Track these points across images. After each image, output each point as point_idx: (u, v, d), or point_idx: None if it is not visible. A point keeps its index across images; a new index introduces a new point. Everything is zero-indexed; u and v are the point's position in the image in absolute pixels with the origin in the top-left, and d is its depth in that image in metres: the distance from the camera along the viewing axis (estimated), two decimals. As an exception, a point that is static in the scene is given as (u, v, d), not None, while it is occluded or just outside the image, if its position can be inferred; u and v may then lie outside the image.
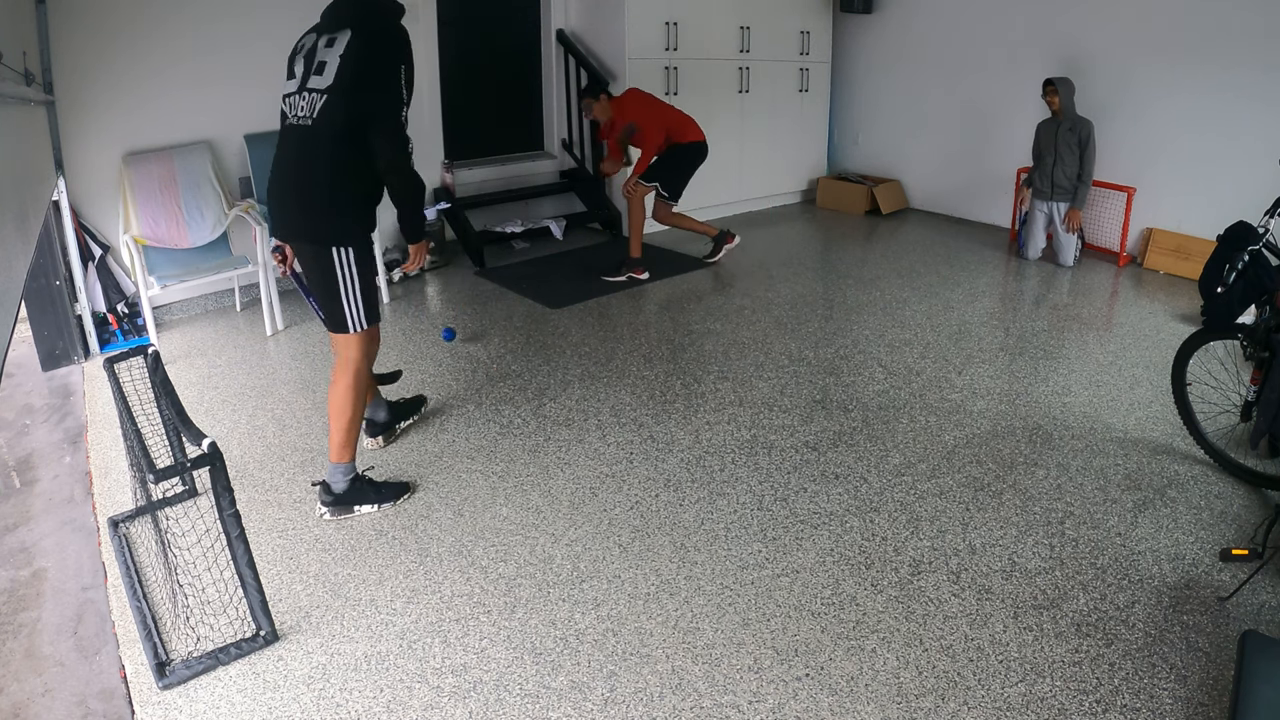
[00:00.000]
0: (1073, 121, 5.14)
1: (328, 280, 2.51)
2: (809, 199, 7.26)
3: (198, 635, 2.10)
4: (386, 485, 2.72)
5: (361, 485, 2.66)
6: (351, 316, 2.55)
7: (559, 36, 5.92)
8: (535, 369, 3.75)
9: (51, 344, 3.82)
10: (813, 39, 6.76)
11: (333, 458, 2.62)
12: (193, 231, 4.16)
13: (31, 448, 3.19)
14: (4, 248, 1.92)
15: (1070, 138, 5.14)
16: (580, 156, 6.08)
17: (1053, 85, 5.11)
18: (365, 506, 2.65)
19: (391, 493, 2.70)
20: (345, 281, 2.50)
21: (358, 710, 1.91)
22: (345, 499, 2.63)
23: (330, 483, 2.63)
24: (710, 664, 2.05)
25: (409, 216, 2.58)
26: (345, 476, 2.63)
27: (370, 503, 2.65)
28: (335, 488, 2.63)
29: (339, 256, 2.48)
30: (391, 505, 2.68)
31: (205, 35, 4.23)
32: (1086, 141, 5.12)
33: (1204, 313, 2.86)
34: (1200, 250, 4.71)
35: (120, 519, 2.54)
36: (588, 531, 2.59)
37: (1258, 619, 2.20)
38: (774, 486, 2.84)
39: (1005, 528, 2.61)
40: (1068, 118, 5.14)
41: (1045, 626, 2.18)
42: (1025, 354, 3.97)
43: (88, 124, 3.97)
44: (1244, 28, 4.72)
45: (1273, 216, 2.71)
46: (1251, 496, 2.79)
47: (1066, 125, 5.14)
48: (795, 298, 4.75)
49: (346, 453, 2.61)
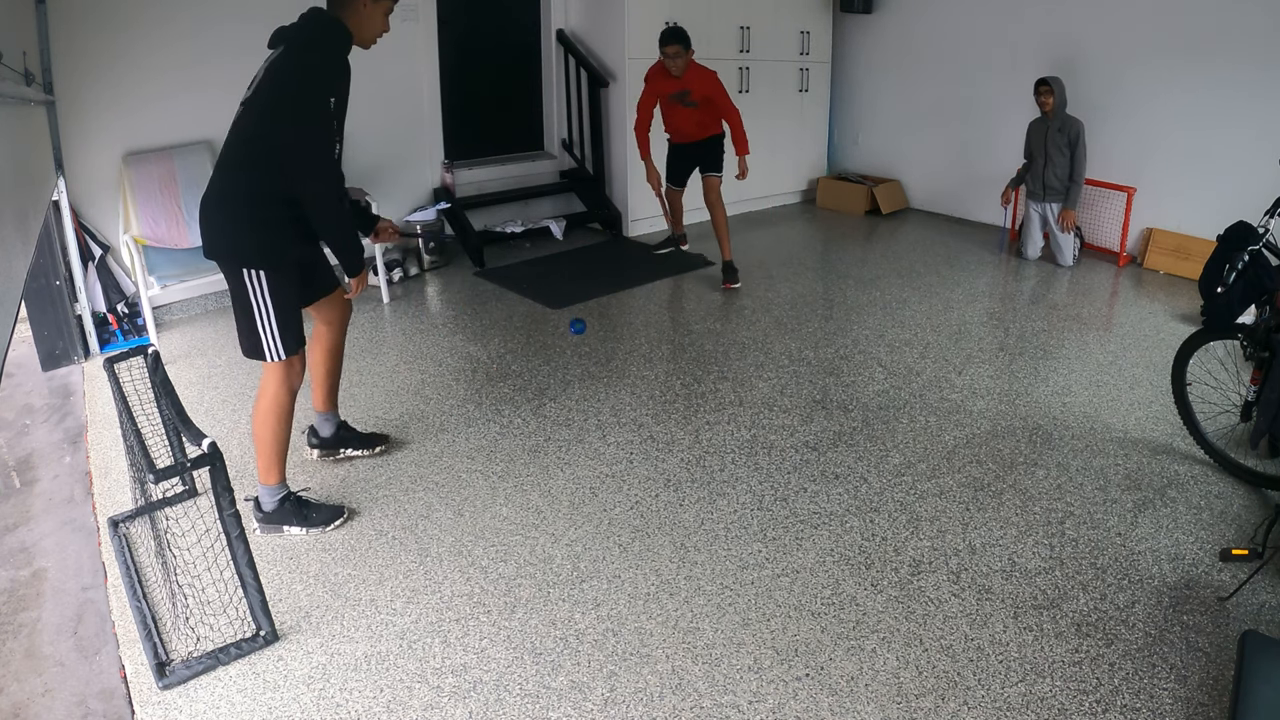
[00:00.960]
0: (1062, 122, 5.13)
1: (240, 303, 2.38)
2: (809, 199, 7.26)
3: (198, 635, 2.11)
4: (319, 508, 2.61)
5: (289, 507, 2.57)
6: (267, 343, 2.41)
7: (559, 36, 5.92)
8: (535, 369, 3.75)
9: (51, 344, 3.82)
10: (813, 39, 6.76)
11: (259, 479, 2.55)
12: (193, 232, 4.15)
13: (31, 448, 3.19)
14: (4, 248, 1.92)
15: (1060, 139, 5.13)
16: (580, 156, 6.07)
17: (1048, 85, 5.09)
18: (293, 528, 2.55)
19: (322, 517, 2.59)
20: (258, 306, 2.36)
21: (358, 710, 1.91)
22: (273, 518, 2.56)
23: (260, 501, 2.57)
24: (710, 664, 2.05)
25: (336, 251, 2.45)
26: (273, 497, 2.55)
27: (298, 525, 2.55)
28: (264, 506, 2.56)
29: (249, 279, 2.34)
30: (321, 530, 2.56)
31: (205, 35, 4.23)
32: (1076, 141, 5.11)
33: (1204, 313, 2.86)
34: (1200, 250, 4.71)
35: (120, 519, 2.54)
36: (588, 531, 2.59)
37: (1258, 619, 2.20)
38: (774, 486, 2.84)
39: (1005, 528, 2.61)
40: (1057, 118, 5.13)
41: (1045, 626, 2.18)
42: (1025, 354, 3.97)
43: (88, 124, 3.97)
44: (1245, 26, 4.72)
45: (1273, 216, 2.71)
46: (1251, 496, 2.79)
47: (1056, 126, 5.13)
48: (795, 298, 4.75)
49: (270, 475, 2.53)
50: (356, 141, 4.89)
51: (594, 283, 4.95)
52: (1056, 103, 5.09)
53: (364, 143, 4.94)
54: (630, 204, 5.93)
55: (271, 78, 2.30)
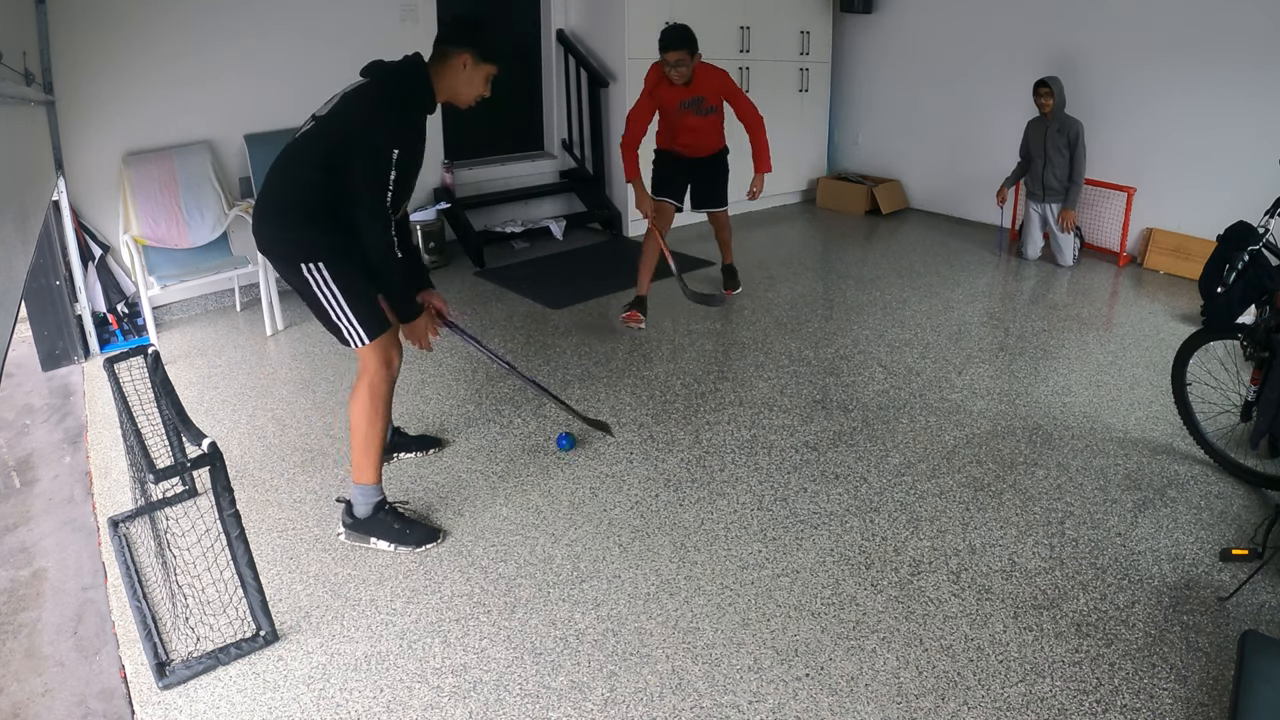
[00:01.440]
0: (1061, 123, 5.13)
1: (310, 299, 2.34)
2: (809, 199, 7.26)
3: (198, 635, 2.10)
4: (415, 526, 2.50)
5: (384, 518, 2.47)
6: (348, 331, 2.36)
7: (559, 36, 5.92)
8: (535, 369, 3.74)
9: (51, 344, 3.82)
10: (813, 39, 6.76)
11: (353, 477, 2.47)
12: (193, 231, 4.16)
13: (31, 448, 3.19)
14: (4, 248, 1.92)
15: (1059, 139, 5.12)
16: (580, 156, 6.07)
17: (1047, 86, 5.08)
18: (381, 543, 2.46)
19: (415, 536, 2.47)
20: (326, 299, 2.32)
21: (358, 710, 1.91)
22: (363, 527, 2.47)
23: (353, 503, 2.47)
24: (710, 664, 2.05)
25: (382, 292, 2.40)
26: (368, 501, 2.45)
27: (389, 540, 2.46)
28: (356, 511, 2.47)
29: (309, 273, 2.29)
30: (411, 550, 2.45)
31: (205, 35, 4.23)
32: (1076, 142, 5.11)
33: (1204, 313, 2.86)
34: (1200, 250, 4.71)
35: (120, 519, 2.54)
36: (588, 531, 2.59)
37: (1258, 619, 2.20)
38: (774, 486, 2.84)
39: (1005, 528, 2.61)
40: (1056, 119, 5.13)
41: (1045, 626, 2.18)
42: (1025, 354, 3.97)
43: (88, 124, 3.97)
44: (1244, 25, 4.72)
45: (1273, 216, 2.71)
46: (1251, 496, 2.79)
47: (1055, 126, 5.13)
48: (795, 298, 4.75)
49: (365, 474, 2.44)
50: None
51: (594, 283, 4.95)
52: (1056, 103, 5.09)
53: (364, 143, 4.95)
54: (630, 204, 5.92)
55: (343, 114, 2.27)
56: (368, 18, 4.82)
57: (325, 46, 4.58)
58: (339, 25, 4.67)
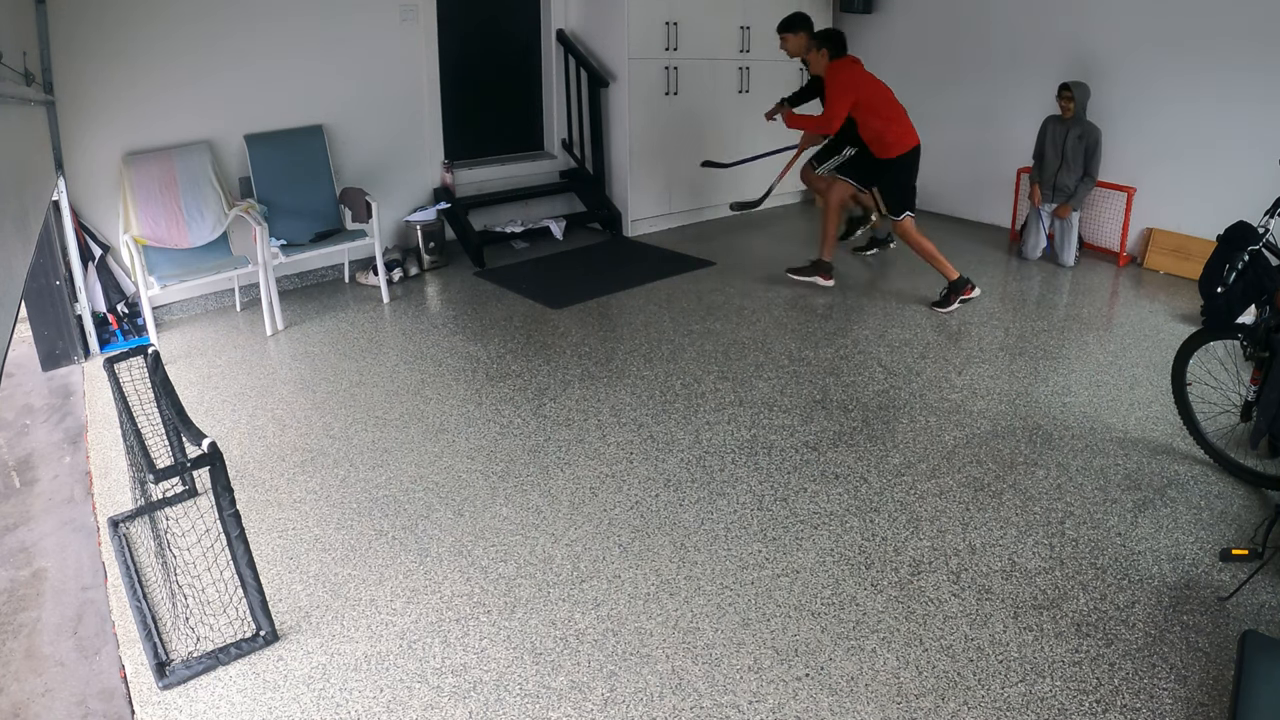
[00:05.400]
0: (1083, 128, 5.14)
1: None
2: (809, 199, 7.25)
3: (198, 635, 2.11)
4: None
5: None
6: None
7: (559, 36, 5.92)
8: (535, 369, 3.74)
9: (51, 344, 3.82)
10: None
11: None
12: (193, 231, 4.16)
13: (31, 448, 3.19)
14: (4, 248, 1.92)
15: (1079, 145, 5.14)
16: (580, 156, 6.07)
17: (1069, 91, 5.08)
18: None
19: None
20: None
21: (358, 710, 1.92)
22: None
23: None
24: (710, 664, 2.05)
25: None
26: None
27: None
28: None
29: None
30: None
31: (205, 35, 4.23)
32: (1094, 148, 5.13)
33: (1204, 313, 2.86)
34: (1200, 250, 4.70)
35: (120, 519, 2.54)
36: (588, 531, 2.59)
37: (1258, 619, 2.20)
38: (774, 486, 2.84)
39: (1005, 528, 2.61)
40: (1078, 123, 5.14)
41: (1045, 626, 2.18)
42: (1025, 354, 3.97)
43: (88, 124, 3.97)
44: (1245, 27, 4.72)
45: (1273, 216, 2.71)
46: (1251, 496, 2.79)
47: (1076, 132, 5.14)
48: (795, 298, 4.75)
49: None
50: (357, 141, 4.92)
51: (594, 283, 4.95)
52: (1077, 109, 5.10)
53: (364, 143, 4.95)
54: (630, 204, 5.93)
55: None
56: (368, 18, 4.82)
57: (325, 47, 4.58)
58: (339, 25, 4.66)
